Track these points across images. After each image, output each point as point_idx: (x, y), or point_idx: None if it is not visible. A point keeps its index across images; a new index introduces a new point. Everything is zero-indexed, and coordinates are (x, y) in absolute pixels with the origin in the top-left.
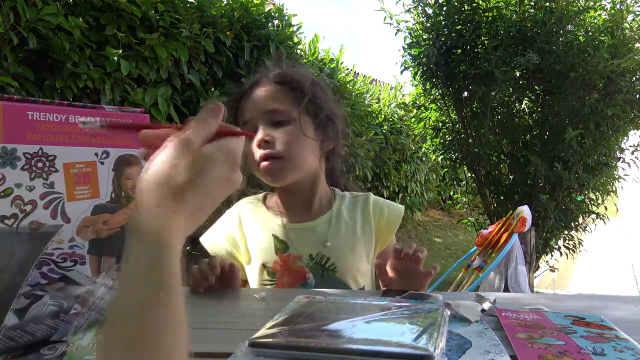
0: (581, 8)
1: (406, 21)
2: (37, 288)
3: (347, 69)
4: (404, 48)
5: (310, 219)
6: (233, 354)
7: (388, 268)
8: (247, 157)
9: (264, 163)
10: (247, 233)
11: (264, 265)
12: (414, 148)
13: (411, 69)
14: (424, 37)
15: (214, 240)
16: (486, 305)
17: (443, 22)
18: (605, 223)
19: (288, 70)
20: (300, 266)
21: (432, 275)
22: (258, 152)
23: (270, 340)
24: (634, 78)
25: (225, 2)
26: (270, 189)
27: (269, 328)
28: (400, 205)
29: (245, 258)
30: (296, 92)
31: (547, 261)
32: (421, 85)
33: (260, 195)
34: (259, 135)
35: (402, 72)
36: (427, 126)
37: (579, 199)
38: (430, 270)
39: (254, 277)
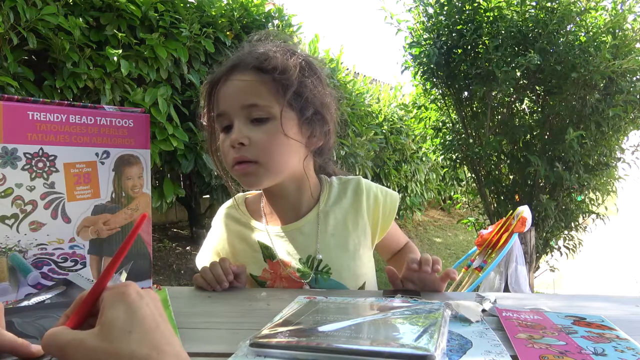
0: (583, 9)
1: (407, 21)
2: (40, 293)
3: (347, 69)
4: (404, 48)
5: (296, 219)
6: (234, 354)
7: (403, 278)
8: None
9: (237, 167)
10: (233, 244)
11: (252, 275)
12: (414, 148)
13: (412, 68)
14: (425, 36)
15: (205, 260)
16: (487, 306)
17: (444, 22)
18: (605, 223)
19: (271, 53)
20: (291, 271)
21: (448, 280)
22: (231, 154)
23: (271, 340)
24: (634, 78)
25: (225, 2)
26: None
27: (269, 328)
28: (394, 192)
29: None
30: (279, 83)
31: (547, 261)
32: (421, 85)
33: (241, 197)
34: (233, 135)
35: (402, 71)
36: (427, 126)
37: (579, 199)
38: (446, 276)
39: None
